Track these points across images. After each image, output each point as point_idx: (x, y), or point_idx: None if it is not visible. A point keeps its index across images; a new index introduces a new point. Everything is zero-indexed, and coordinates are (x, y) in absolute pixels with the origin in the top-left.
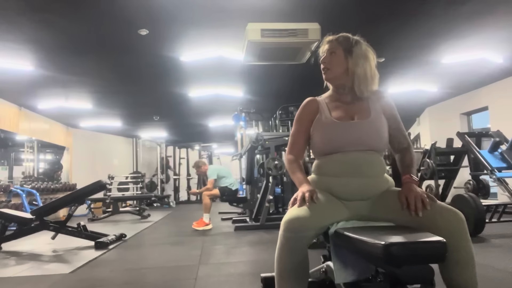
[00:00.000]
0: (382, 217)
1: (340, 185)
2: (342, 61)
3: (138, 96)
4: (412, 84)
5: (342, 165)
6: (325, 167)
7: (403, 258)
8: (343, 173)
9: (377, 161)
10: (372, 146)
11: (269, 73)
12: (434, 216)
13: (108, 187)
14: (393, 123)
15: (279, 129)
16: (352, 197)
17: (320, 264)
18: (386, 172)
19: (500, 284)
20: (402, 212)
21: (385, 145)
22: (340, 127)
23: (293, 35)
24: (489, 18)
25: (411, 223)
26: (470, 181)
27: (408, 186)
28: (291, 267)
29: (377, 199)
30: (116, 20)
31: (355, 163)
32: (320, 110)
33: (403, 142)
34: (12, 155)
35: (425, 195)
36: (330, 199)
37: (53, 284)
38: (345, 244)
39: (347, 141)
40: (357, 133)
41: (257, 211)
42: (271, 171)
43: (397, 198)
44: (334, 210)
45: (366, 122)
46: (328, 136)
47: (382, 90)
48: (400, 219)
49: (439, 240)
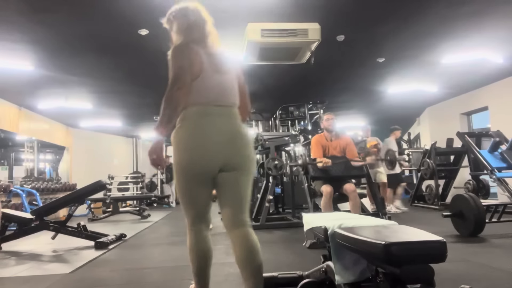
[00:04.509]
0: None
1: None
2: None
3: (138, 96)
4: (412, 84)
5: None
6: None
7: (403, 258)
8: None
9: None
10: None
11: (269, 73)
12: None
13: (108, 187)
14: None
15: (279, 129)
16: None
17: (320, 264)
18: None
19: (500, 284)
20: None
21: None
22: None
23: (293, 35)
24: (489, 18)
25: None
26: (470, 181)
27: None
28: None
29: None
30: (116, 20)
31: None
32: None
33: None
34: (12, 155)
35: None
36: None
37: (53, 284)
38: (345, 244)
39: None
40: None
41: (257, 211)
42: (271, 171)
43: None
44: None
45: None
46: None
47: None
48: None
49: (439, 240)
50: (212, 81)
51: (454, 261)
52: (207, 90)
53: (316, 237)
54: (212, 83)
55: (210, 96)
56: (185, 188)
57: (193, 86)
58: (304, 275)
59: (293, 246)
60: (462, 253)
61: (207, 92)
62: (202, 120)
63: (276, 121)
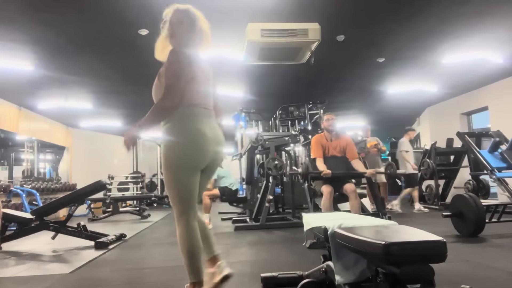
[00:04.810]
0: None
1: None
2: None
3: (138, 96)
4: (412, 84)
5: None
6: None
7: (403, 257)
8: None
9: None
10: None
11: (269, 73)
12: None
13: (108, 187)
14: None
15: (279, 129)
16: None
17: (320, 264)
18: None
19: (500, 284)
20: None
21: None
22: None
23: (293, 35)
24: (489, 18)
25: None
26: (470, 181)
27: None
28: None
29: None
30: (116, 20)
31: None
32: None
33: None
34: (12, 155)
35: None
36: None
37: (53, 284)
38: (345, 244)
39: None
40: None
41: (257, 211)
42: (271, 171)
43: None
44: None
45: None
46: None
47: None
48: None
49: (439, 240)
50: (201, 85)
51: (454, 261)
52: (198, 93)
53: (316, 237)
54: (201, 87)
55: (200, 99)
56: (181, 179)
57: (186, 88)
58: (304, 275)
59: (293, 246)
60: (462, 253)
61: (198, 95)
62: (198, 119)
63: (276, 121)
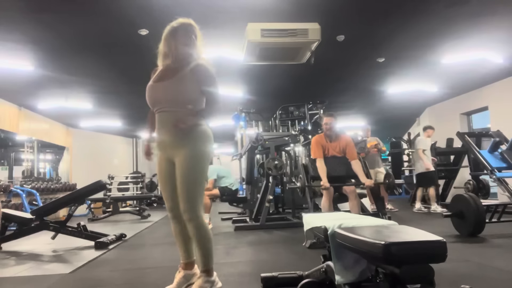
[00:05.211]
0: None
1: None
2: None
3: (138, 96)
4: (412, 84)
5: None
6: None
7: (403, 257)
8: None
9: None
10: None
11: (269, 73)
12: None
13: (108, 187)
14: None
15: (279, 129)
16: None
17: (320, 264)
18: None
19: (500, 284)
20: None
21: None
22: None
23: (293, 35)
24: (489, 18)
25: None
26: (470, 181)
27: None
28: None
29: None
30: (116, 20)
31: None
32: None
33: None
34: (12, 155)
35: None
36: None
37: (53, 284)
38: (345, 244)
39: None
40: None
41: (257, 211)
42: (271, 171)
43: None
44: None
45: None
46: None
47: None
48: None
49: (439, 240)
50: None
51: (454, 261)
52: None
53: (316, 237)
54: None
55: None
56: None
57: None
58: (304, 275)
59: (293, 246)
60: (462, 253)
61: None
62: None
63: (276, 121)
